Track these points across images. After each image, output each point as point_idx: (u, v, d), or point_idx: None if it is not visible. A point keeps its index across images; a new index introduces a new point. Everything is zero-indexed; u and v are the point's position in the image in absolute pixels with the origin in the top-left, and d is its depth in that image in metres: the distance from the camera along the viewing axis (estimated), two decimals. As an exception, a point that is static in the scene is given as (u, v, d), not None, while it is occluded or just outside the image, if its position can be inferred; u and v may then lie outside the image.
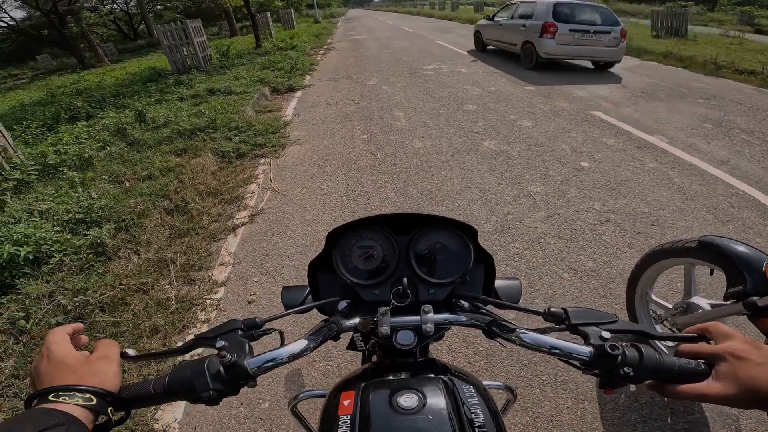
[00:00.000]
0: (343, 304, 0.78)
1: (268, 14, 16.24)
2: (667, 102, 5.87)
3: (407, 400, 0.59)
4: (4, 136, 4.12)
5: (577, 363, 0.60)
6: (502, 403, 1.00)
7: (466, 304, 0.76)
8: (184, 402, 0.65)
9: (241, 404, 1.91)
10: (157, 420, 1.87)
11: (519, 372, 1.98)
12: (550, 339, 0.63)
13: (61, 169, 4.18)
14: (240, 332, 0.63)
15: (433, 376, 0.68)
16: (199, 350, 0.65)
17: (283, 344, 0.66)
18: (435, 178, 3.92)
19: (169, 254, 2.94)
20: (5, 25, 21.17)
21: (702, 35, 12.69)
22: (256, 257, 2.97)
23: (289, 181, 4.09)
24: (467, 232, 0.78)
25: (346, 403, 0.62)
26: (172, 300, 2.55)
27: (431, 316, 0.70)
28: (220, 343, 0.59)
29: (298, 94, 7.52)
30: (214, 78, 8.33)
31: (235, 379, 0.57)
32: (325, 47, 14.43)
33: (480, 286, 0.83)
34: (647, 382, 0.57)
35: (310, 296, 0.85)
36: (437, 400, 0.60)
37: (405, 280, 0.73)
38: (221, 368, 0.56)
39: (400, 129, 5.28)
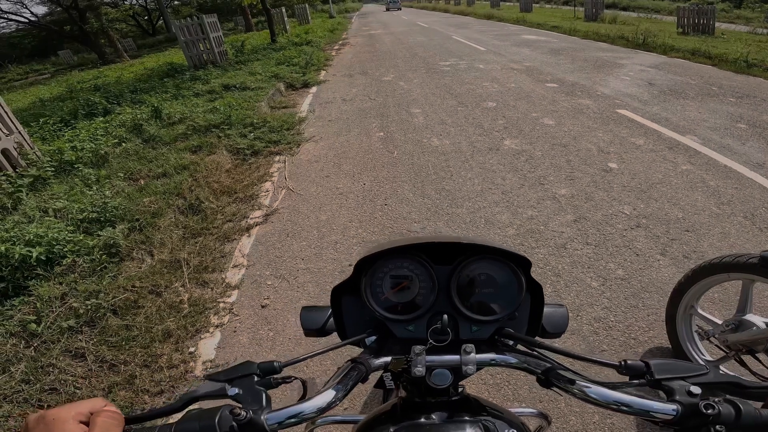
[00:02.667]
0: (371, 339, 0.69)
1: (284, 9, 16.20)
2: (697, 101, 5.59)
3: None
4: (20, 132, 4.13)
5: (656, 420, 0.52)
6: (534, 428, 0.92)
7: (511, 341, 0.67)
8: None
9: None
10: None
11: (545, 388, 1.85)
12: (621, 395, 0.53)
13: (77, 165, 4.17)
14: (256, 378, 0.54)
15: (469, 419, 0.59)
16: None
17: (305, 395, 0.56)
18: (454, 178, 3.79)
19: (182, 255, 2.88)
20: (26, 20, 21.58)
21: (729, 32, 12.18)
22: (270, 259, 2.89)
23: (304, 180, 4.01)
24: (519, 263, 0.68)
25: None
26: (185, 303, 2.49)
27: (474, 356, 0.61)
28: (233, 391, 0.52)
29: (313, 89, 7.44)
30: (230, 73, 8.31)
31: None
32: (340, 42, 14.33)
33: (525, 318, 0.73)
34: None
35: (332, 320, 0.77)
36: None
37: (445, 317, 0.64)
38: (234, 424, 0.47)
39: (417, 126, 5.15)
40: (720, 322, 1.67)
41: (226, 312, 2.47)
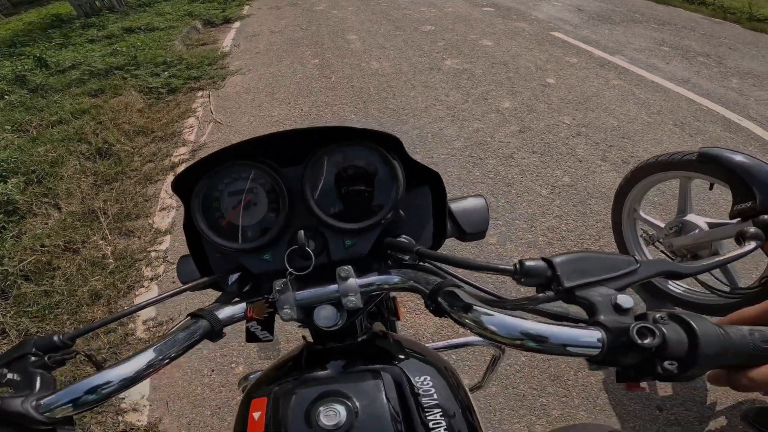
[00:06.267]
0: (233, 278, 0.53)
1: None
2: (623, 26, 5.75)
3: (329, 416, 0.42)
4: None
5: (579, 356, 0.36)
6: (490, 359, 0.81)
7: (406, 255, 0.51)
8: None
9: (212, 371, 1.70)
10: (124, 400, 1.63)
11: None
12: (526, 323, 0.36)
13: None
14: (33, 359, 0.44)
15: (371, 367, 0.49)
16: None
17: (100, 369, 0.42)
18: (397, 97, 3.65)
19: (97, 204, 2.51)
20: None
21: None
22: (203, 198, 2.60)
23: (233, 112, 3.67)
24: (384, 143, 0.52)
25: (256, 416, 0.47)
26: (109, 257, 2.19)
27: (353, 282, 0.47)
28: (8, 377, 0.42)
29: (236, 24, 6.73)
30: (132, 17, 7.25)
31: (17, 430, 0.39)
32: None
33: (428, 219, 0.58)
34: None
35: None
36: (374, 407, 0.44)
37: (301, 233, 0.48)
38: None
39: (354, 52, 4.85)
40: (663, 225, 1.65)
41: (159, 261, 2.21)
